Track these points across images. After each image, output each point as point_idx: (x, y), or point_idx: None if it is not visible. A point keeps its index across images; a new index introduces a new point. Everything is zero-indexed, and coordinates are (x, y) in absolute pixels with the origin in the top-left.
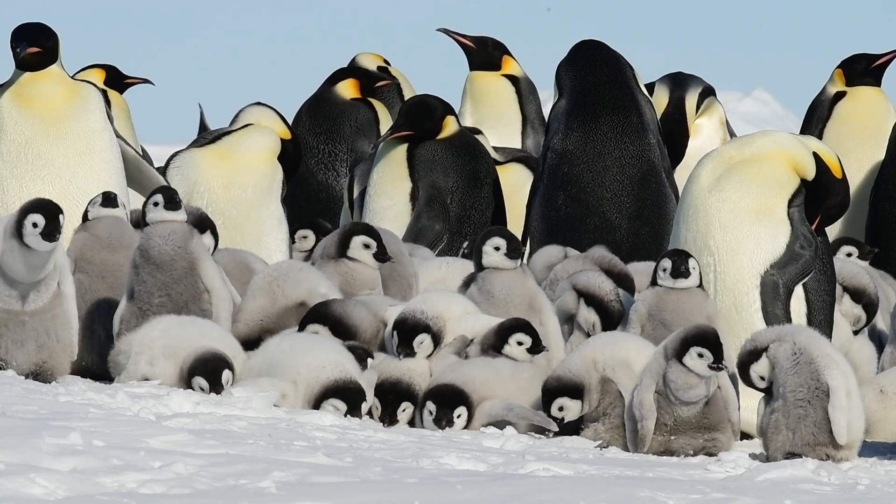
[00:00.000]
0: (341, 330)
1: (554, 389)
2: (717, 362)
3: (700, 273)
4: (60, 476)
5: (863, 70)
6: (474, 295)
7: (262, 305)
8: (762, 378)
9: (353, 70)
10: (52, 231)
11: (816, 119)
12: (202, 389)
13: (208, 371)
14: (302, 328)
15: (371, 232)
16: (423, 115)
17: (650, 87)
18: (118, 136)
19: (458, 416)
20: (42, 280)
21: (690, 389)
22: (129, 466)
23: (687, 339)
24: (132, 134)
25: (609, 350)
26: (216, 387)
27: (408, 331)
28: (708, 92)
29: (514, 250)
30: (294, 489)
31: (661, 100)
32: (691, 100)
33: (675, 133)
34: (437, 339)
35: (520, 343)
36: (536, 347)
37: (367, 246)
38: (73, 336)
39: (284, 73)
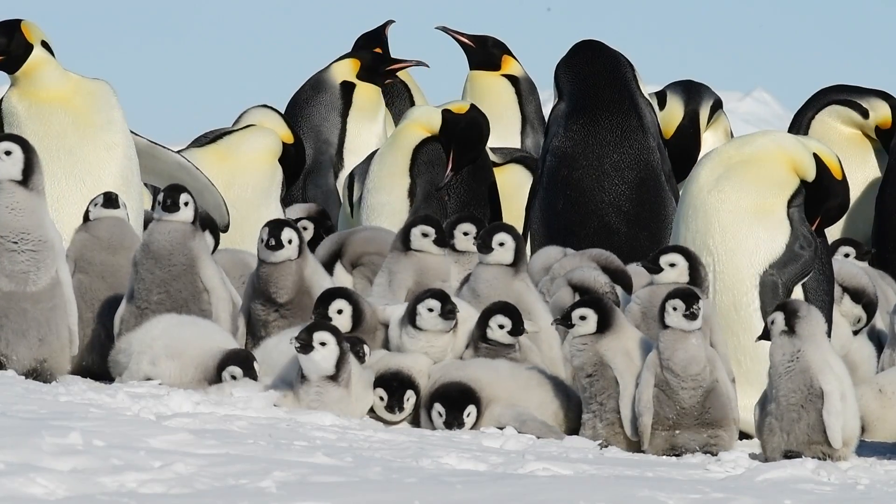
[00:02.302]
0: (358, 312)
1: (578, 302)
2: (689, 309)
3: (689, 269)
4: (60, 476)
5: None
6: (466, 294)
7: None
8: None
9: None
10: None
11: (808, 116)
12: (233, 378)
13: (241, 360)
14: (326, 304)
15: (428, 220)
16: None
17: (661, 94)
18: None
19: (468, 415)
20: (40, 258)
21: (683, 352)
22: (130, 466)
23: (662, 302)
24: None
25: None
26: (251, 372)
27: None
28: (718, 105)
29: (480, 240)
30: (294, 489)
31: (675, 112)
32: (704, 113)
33: (689, 147)
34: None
35: (501, 326)
36: (517, 329)
37: (425, 235)
38: (73, 324)
39: (284, 72)
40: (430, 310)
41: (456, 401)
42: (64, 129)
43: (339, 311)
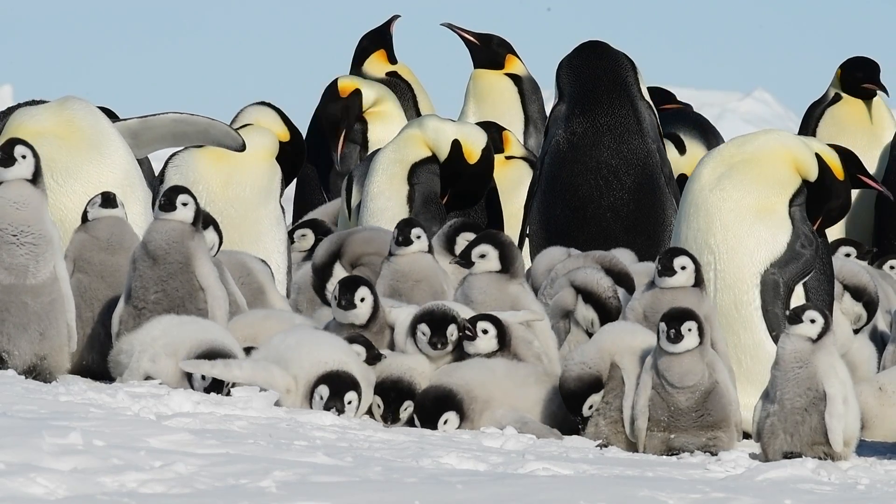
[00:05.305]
0: (376, 305)
1: (580, 391)
2: (669, 331)
3: (695, 271)
4: (61, 476)
5: (858, 82)
6: (459, 299)
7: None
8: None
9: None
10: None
11: (813, 120)
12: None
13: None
14: (353, 291)
15: (397, 224)
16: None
17: (675, 138)
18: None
19: (446, 422)
20: (38, 252)
21: (679, 366)
22: (130, 466)
23: (659, 321)
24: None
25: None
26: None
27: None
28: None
29: (461, 256)
30: (294, 489)
31: (698, 157)
32: None
33: None
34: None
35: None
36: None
37: (393, 237)
38: (71, 320)
39: (285, 71)
40: (424, 334)
41: (428, 411)
42: (51, 154)
43: (363, 300)
